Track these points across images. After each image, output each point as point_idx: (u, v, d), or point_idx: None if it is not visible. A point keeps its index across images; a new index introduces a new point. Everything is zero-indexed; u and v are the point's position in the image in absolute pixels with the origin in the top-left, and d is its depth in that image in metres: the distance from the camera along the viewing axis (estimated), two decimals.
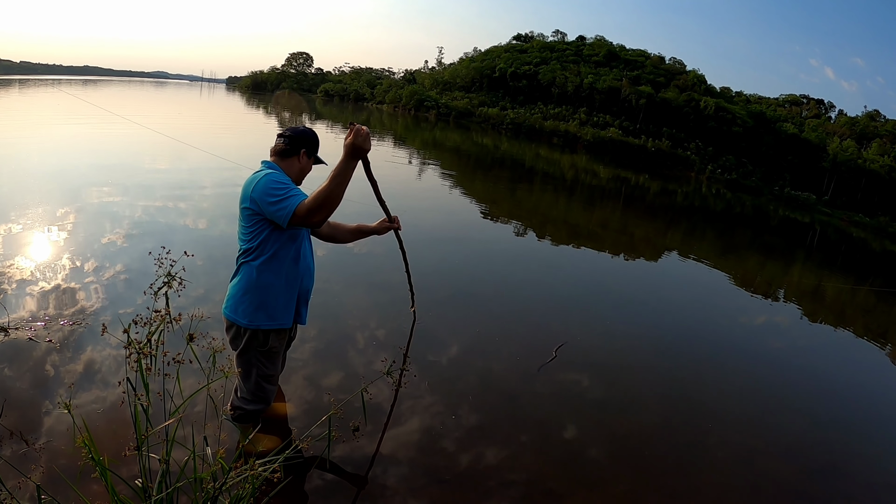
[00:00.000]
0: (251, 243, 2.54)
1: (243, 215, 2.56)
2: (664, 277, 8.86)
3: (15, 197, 6.99)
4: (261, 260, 2.54)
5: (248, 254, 2.56)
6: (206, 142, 15.48)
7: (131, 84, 72.13)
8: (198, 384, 3.05)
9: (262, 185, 2.46)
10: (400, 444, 3.09)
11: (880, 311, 10.02)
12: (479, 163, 24.16)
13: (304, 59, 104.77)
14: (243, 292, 2.57)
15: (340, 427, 2.15)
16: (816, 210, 40.07)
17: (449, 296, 5.57)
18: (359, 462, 2.86)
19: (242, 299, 2.57)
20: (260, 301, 2.57)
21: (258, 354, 2.65)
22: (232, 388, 2.82)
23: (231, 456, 1.99)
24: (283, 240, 2.55)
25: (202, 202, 8.10)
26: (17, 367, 3.22)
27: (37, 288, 4.32)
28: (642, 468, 3.30)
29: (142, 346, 1.56)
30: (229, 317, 2.61)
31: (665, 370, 4.80)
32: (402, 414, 3.39)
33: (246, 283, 2.57)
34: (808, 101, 70.37)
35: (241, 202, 2.56)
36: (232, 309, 2.60)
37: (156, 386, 1.87)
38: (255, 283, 2.55)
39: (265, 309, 2.58)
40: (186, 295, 4.25)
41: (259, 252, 2.54)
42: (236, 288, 2.60)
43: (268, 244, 2.53)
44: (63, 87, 36.38)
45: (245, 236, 2.57)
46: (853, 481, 3.72)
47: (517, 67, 64.78)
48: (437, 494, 2.74)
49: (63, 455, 2.49)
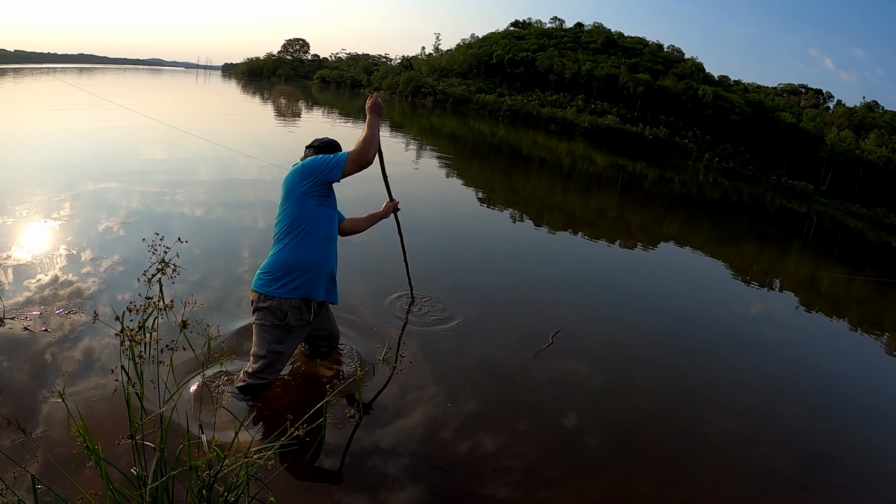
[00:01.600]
0: (282, 223, 2.94)
1: (280, 203, 2.98)
2: (661, 265, 8.87)
3: (9, 186, 6.94)
4: (291, 236, 2.91)
5: (279, 233, 2.95)
6: (203, 129, 15.39)
7: (126, 71, 71.50)
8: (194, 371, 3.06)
9: (311, 161, 2.95)
10: (396, 430, 3.10)
11: (875, 301, 10.06)
12: (476, 149, 24.08)
13: (300, 45, 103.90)
14: (277, 265, 2.90)
15: (336, 414, 2.16)
16: (813, 200, 40.09)
17: (445, 282, 5.57)
18: (354, 449, 2.87)
19: (272, 270, 2.90)
20: (288, 271, 2.90)
21: (273, 329, 2.92)
22: (224, 376, 2.86)
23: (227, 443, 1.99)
24: (300, 217, 2.92)
25: (198, 189, 8.05)
26: (12, 356, 3.20)
27: (32, 277, 4.29)
28: (637, 455, 3.32)
29: (133, 334, 1.55)
30: (254, 286, 2.93)
31: (661, 357, 4.82)
32: (399, 400, 3.40)
33: (279, 256, 2.92)
34: (807, 90, 70.12)
35: (286, 188, 2.98)
36: (257, 280, 2.93)
37: (151, 374, 1.86)
38: (287, 256, 2.91)
39: (293, 280, 2.90)
40: (184, 281, 4.24)
41: (286, 229, 2.92)
42: (268, 262, 2.94)
43: (291, 221, 2.92)
44: (58, 76, 36.03)
45: (277, 218, 2.98)
46: (846, 470, 3.75)
47: (515, 54, 64.36)
48: (434, 481, 2.75)
49: (60, 444, 2.49)
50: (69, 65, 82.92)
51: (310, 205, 2.92)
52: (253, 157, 10.50)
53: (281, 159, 7.49)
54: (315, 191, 2.93)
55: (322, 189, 2.96)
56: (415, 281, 4.77)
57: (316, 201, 2.95)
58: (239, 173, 9.79)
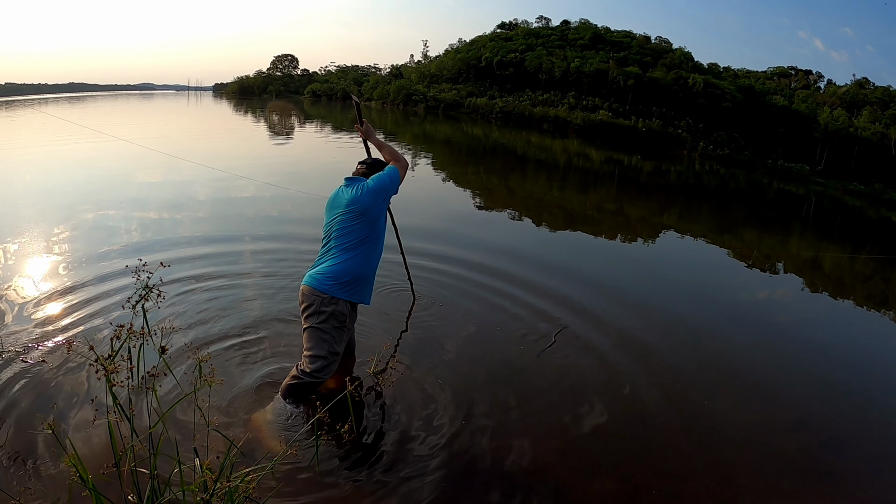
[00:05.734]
0: (353, 236, 3.19)
1: (347, 216, 3.22)
2: (661, 256, 8.84)
3: (5, 218, 6.95)
4: (362, 248, 3.20)
5: (350, 244, 3.19)
6: (197, 152, 15.41)
7: (118, 98, 71.69)
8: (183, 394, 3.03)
9: (377, 182, 3.30)
10: (394, 439, 3.07)
11: (880, 278, 10.01)
12: (470, 153, 24.08)
13: (289, 61, 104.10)
14: (346, 272, 3.14)
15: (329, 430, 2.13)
16: (811, 181, 39.99)
17: (447, 282, 5.54)
18: (349, 464, 2.84)
19: (339, 276, 3.13)
20: (359, 280, 3.21)
21: (337, 329, 3.15)
22: (211, 401, 2.84)
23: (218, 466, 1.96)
24: (374, 233, 3.27)
25: (198, 212, 8.06)
26: (10, 387, 3.18)
27: (29, 308, 4.28)
28: (644, 450, 3.28)
29: (106, 363, 1.52)
30: (320, 288, 3.10)
31: (665, 349, 4.76)
32: (394, 408, 3.37)
33: (349, 265, 3.16)
34: (797, 72, 70.06)
35: (343, 206, 3.25)
36: (323, 283, 3.12)
37: (139, 399, 1.84)
38: (356, 266, 3.18)
39: (355, 286, 3.20)
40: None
41: (358, 242, 3.19)
42: (337, 268, 3.15)
43: (366, 236, 3.22)
44: (50, 108, 36.13)
45: (345, 230, 3.21)
46: (859, 454, 3.69)
47: (503, 56, 64.39)
48: (434, 486, 2.72)
49: (63, 475, 2.46)
50: (60, 94, 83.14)
51: (381, 221, 3.32)
52: (249, 177, 10.49)
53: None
54: (385, 206, 3.38)
55: (388, 204, 3.44)
56: (415, 282, 4.83)
57: (384, 217, 3.38)
58: (233, 193, 9.79)
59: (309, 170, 13.90)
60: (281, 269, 5.58)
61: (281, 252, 6.18)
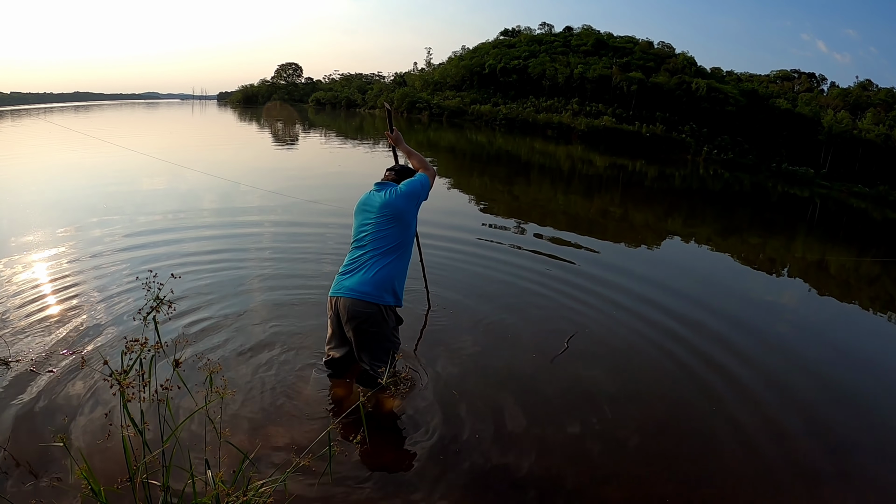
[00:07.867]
0: (388, 240, 3.24)
1: (382, 219, 3.27)
2: (669, 261, 8.80)
3: (14, 228, 7.00)
4: (398, 253, 3.26)
5: (386, 249, 3.22)
6: (203, 161, 15.48)
7: (123, 107, 72.18)
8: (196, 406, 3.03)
9: (408, 187, 3.37)
10: (406, 448, 3.06)
11: (887, 280, 9.95)
12: (475, 160, 24.11)
13: (293, 69, 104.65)
14: (389, 279, 3.20)
15: (341, 442, 2.12)
16: (815, 184, 39.87)
17: (459, 291, 5.53)
18: (364, 473, 2.83)
19: (383, 284, 3.17)
20: (399, 284, 3.28)
21: (394, 329, 3.33)
22: (224, 412, 2.87)
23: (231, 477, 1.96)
24: (408, 237, 3.33)
25: (204, 221, 8.08)
26: (19, 398, 3.19)
27: (37, 318, 4.29)
28: (655, 457, 3.26)
29: (121, 377, 1.52)
30: (369, 300, 3.13)
31: (677, 354, 4.72)
32: (408, 416, 3.36)
33: (390, 270, 3.20)
34: (800, 75, 69.99)
35: (376, 209, 3.31)
36: (370, 294, 3.13)
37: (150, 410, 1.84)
38: (396, 270, 3.24)
39: (398, 290, 3.28)
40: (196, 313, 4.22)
41: (394, 247, 3.24)
42: (379, 276, 3.17)
43: (401, 240, 3.28)
44: (55, 117, 36.37)
45: (380, 234, 3.25)
46: (874, 458, 3.66)
47: (506, 62, 64.60)
48: (449, 495, 2.70)
49: (74, 488, 2.46)
50: (66, 104, 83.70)
51: (413, 226, 3.39)
52: (258, 187, 10.53)
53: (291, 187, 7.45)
54: (416, 212, 3.43)
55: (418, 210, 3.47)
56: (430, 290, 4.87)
57: (415, 223, 3.44)
58: (236, 200, 9.83)
59: (342, 182, 13.95)
60: (292, 281, 5.59)
61: (293, 261, 6.20)
